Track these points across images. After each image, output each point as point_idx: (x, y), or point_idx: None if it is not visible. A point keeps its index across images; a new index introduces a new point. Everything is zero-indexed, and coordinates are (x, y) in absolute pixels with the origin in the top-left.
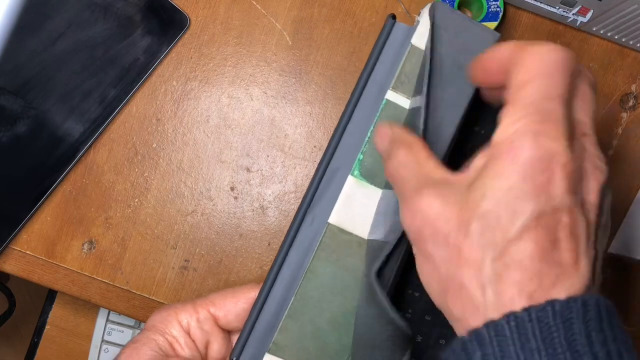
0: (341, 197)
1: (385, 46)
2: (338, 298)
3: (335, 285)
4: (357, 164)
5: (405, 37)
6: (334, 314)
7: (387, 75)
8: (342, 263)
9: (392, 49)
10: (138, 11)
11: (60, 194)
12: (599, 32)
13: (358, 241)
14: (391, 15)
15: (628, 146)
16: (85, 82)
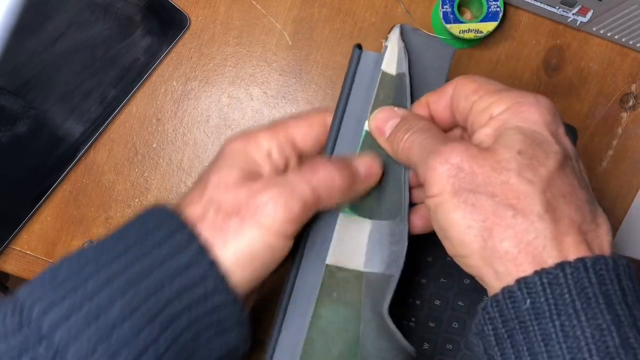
0: (335, 237)
1: (356, 77)
2: (342, 333)
3: (339, 322)
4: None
5: (375, 64)
6: (340, 350)
7: (362, 105)
8: (343, 299)
9: (363, 78)
10: (138, 11)
11: (61, 193)
12: (599, 32)
13: (355, 275)
14: (357, 45)
15: (628, 146)
16: (85, 82)
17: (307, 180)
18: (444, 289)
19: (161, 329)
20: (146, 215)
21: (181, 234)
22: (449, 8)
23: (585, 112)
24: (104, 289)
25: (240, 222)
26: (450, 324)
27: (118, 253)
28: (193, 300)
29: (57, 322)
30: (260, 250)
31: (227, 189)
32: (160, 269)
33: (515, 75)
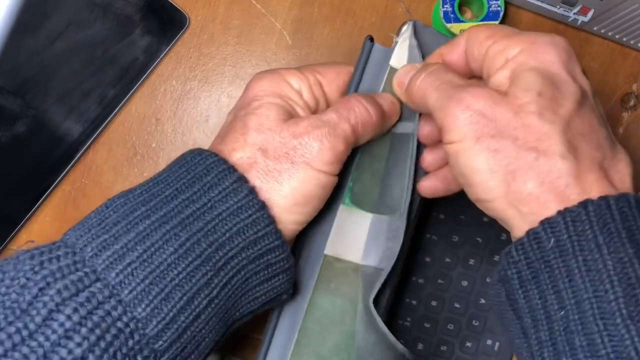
0: (334, 227)
1: (365, 70)
2: (338, 325)
3: (335, 313)
4: (348, 192)
5: (384, 58)
6: (336, 342)
7: None
8: (340, 291)
9: (371, 71)
10: (137, 10)
11: (60, 194)
12: (599, 32)
13: (353, 267)
14: (369, 37)
15: (629, 146)
16: (84, 82)
17: (346, 119)
18: (441, 290)
19: (214, 272)
20: (192, 160)
21: (230, 179)
22: (449, 7)
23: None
24: (156, 231)
25: (291, 165)
26: (445, 326)
27: (168, 198)
28: (245, 243)
29: (111, 263)
30: (314, 190)
31: (271, 132)
32: (212, 212)
33: None
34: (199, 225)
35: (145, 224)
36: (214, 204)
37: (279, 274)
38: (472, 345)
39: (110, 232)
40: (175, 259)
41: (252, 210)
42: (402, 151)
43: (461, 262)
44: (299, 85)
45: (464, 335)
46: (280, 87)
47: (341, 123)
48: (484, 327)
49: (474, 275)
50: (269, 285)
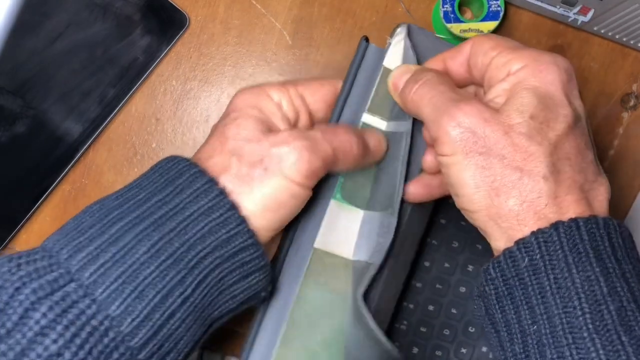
0: (325, 221)
1: (360, 69)
2: (327, 320)
3: (324, 307)
4: (339, 187)
5: (378, 59)
6: (325, 336)
7: (362, 98)
8: (330, 285)
9: (365, 71)
10: (137, 10)
11: (60, 194)
12: (599, 32)
13: (344, 263)
14: (364, 37)
15: (629, 146)
16: (84, 82)
17: (329, 140)
18: (438, 295)
19: (187, 271)
20: (165, 165)
21: (201, 181)
22: (449, 7)
23: (586, 112)
24: (129, 232)
25: (264, 172)
26: (441, 331)
27: (141, 201)
28: (217, 242)
29: (85, 264)
30: (285, 199)
31: (247, 140)
32: (184, 213)
33: None
34: (171, 226)
35: (118, 225)
36: (186, 205)
37: (254, 272)
38: (467, 352)
39: (85, 235)
40: (148, 258)
41: (223, 210)
42: (395, 150)
43: (460, 268)
44: (279, 97)
45: (460, 341)
46: (259, 99)
47: (323, 143)
48: (480, 334)
49: (472, 282)
50: (246, 283)
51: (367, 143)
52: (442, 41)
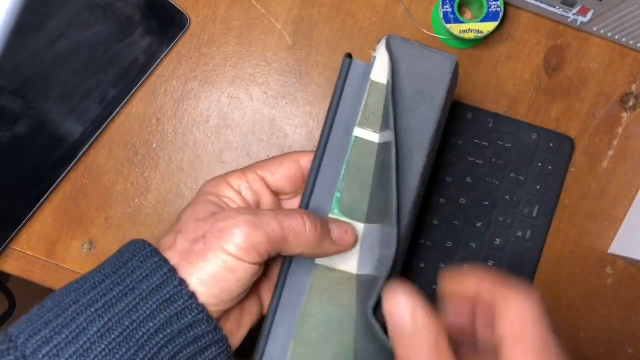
0: None
1: (345, 85)
2: (336, 335)
3: (332, 323)
4: (336, 202)
5: (364, 73)
6: (334, 352)
7: (352, 112)
8: (335, 301)
9: (353, 86)
10: (138, 11)
11: (60, 193)
12: (599, 32)
13: (347, 277)
14: (347, 55)
15: (628, 146)
16: (84, 82)
17: (279, 220)
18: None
19: (138, 347)
20: (123, 248)
21: (152, 260)
22: (449, 8)
23: (586, 112)
24: (82, 314)
25: (204, 247)
26: None
27: (95, 283)
28: (167, 318)
29: (39, 346)
30: (220, 273)
31: (196, 221)
32: (134, 292)
33: (515, 75)
34: (122, 306)
35: (72, 308)
36: (136, 284)
37: (209, 346)
38: None
39: (43, 318)
40: (98, 337)
41: (171, 286)
42: (386, 159)
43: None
44: (238, 184)
45: None
46: (219, 187)
47: (271, 220)
48: None
49: None
50: (203, 358)
51: (328, 231)
52: (431, 49)
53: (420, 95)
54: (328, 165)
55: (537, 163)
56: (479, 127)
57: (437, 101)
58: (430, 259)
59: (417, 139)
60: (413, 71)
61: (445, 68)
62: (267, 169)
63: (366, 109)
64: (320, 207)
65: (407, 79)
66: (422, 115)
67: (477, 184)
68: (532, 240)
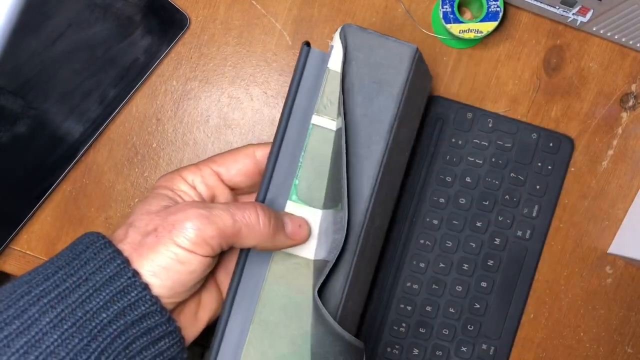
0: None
1: (303, 74)
2: (294, 320)
3: (290, 308)
4: (294, 189)
5: (322, 62)
6: (292, 336)
7: (310, 101)
8: (293, 286)
9: (311, 75)
10: (138, 11)
11: (61, 193)
12: (599, 32)
13: (306, 263)
14: (305, 43)
15: (628, 146)
16: (85, 82)
17: (231, 213)
18: (435, 295)
19: (91, 338)
20: (77, 240)
21: (106, 251)
22: (449, 8)
23: (585, 112)
24: (34, 306)
25: (155, 240)
26: (440, 331)
27: (49, 274)
28: (120, 309)
29: None
30: (172, 265)
31: (148, 214)
32: (87, 284)
33: (515, 75)
34: (75, 297)
35: (24, 299)
36: (89, 276)
37: (163, 337)
38: (467, 350)
39: None
40: (50, 328)
41: (125, 278)
42: (338, 145)
43: (455, 268)
44: (192, 179)
45: (459, 340)
46: (173, 181)
47: (224, 214)
48: (479, 332)
49: (468, 280)
50: (156, 349)
51: (282, 226)
52: (389, 38)
53: (379, 84)
54: (287, 152)
55: (537, 163)
56: (479, 127)
57: (395, 90)
58: (431, 259)
59: (376, 127)
60: (371, 60)
61: (403, 57)
62: (222, 164)
63: (324, 97)
64: (279, 194)
65: (365, 68)
66: (380, 104)
67: (477, 184)
68: (532, 240)
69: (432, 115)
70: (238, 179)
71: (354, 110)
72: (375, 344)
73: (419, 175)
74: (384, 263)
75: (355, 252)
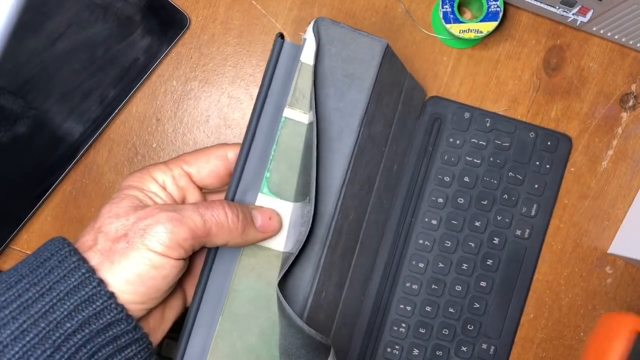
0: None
1: (277, 66)
2: (264, 312)
3: (259, 300)
4: (265, 182)
5: (295, 55)
6: (262, 328)
7: (282, 94)
8: (263, 278)
9: (283, 68)
10: (138, 11)
11: (61, 193)
12: (599, 32)
13: (276, 255)
14: (279, 35)
15: (628, 146)
16: (85, 82)
17: (200, 213)
18: (435, 295)
19: (54, 349)
20: (42, 247)
21: (71, 260)
22: (449, 8)
23: (585, 112)
24: None
25: (126, 245)
26: (440, 331)
27: (11, 283)
28: (85, 319)
29: None
30: (146, 271)
31: (117, 217)
32: (51, 293)
33: (515, 75)
34: (38, 307)
35: None
36: (53, 285)
37: (129, 344)
38: (467, 350)
39: None
40: (12, 340)
41: (90, 287)
42: (309, 139)
43: (455, 267)
44: (163, 179)
45: (460, 340)
46: (143, 181)
47: (193, 214)
48: (479, 332)
49: (468, 280)
50: (123, 356)
51: (252, 219)
52: (355, 31)
53: (350, 79)
54: (258, 146)
55: (535, 162)
56: (477, 126)
57: (366, 84)
58: (430, 259)
59: (347, 122)
60: (343, 54)
61: (375, 52)
62: (194, 165)
63: (296, 90)
64: (250, 187)
65: (337, 62)
66: (352, 98)
67: (476, 184)
68: (531, 239)
69: (429, 116)
70: (209, 180)
71: (325, 103)
72: (375, 344)
73: (417, 176)
74: (384, 263)
75: (325, 245)
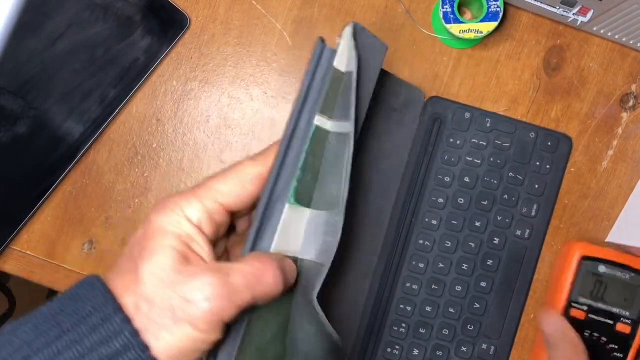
0: (280, 225)
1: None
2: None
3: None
4: (293, 192)
5: (330, 59)
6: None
7: (315, 100)
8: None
9: (321, 72)
10: (138, 11)
11: (61, 193)
12: (599, 32)
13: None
14: (320, 38)
15: (628, 146)
16: (85, 82)
17: (251, 288)
18: (435, 295)
19: None
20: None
21: (116, 319)
22: (449, 8)
23: (585, 112)
24: None
25: (172, 319)
26: (440, 331)
27: (52, 338)
28: None
29: None
30: (189, 346)
31: (161, 284)
32: (93, 355)
33: (515, 75)
34: None
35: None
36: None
37: None
38: (467, 350)
39: None
40: None
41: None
42: (339, 150)
43: (455, 267)
44: (198, 218)
45: (459, 340)
46: (177, 224)
47: (244, 291)
48: (479, 331)
49: (468, 280)
50: None
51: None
52: (376, 38)
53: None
54: (291, 154)
55: (536, 162)
56: (477, 126)
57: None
58: (430, 259)
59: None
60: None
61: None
62: (230, 193)
63: (327, 96)
64: (279, 197)
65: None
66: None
67: (476, 184)
68: (531, 239)
69: (429, 116)
70: (242, 207)
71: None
72: (375, 344)
73: (417, 176)
74: (384, 263)
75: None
